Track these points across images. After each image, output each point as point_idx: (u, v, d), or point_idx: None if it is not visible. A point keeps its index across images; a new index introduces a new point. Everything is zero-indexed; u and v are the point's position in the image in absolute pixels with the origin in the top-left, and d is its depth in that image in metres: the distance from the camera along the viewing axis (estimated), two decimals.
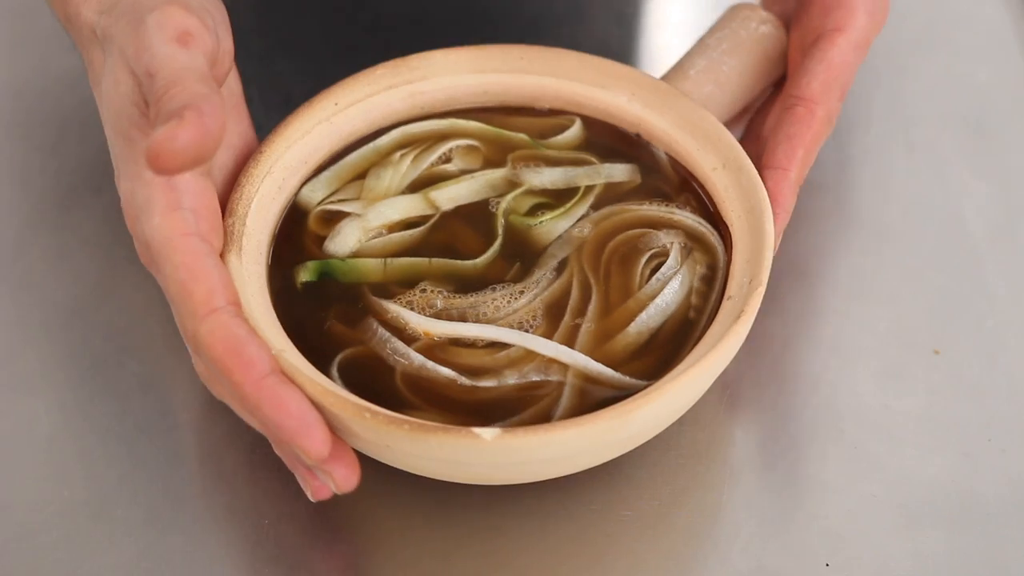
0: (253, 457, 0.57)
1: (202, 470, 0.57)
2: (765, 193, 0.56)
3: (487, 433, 0.48)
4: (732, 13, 0.64)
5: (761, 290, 0.53)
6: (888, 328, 0.62)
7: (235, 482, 0.56)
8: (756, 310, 0.53)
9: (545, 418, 0.52)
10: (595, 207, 0.59)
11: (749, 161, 0.57)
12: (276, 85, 0.71)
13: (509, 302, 0.56)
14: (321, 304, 0.56)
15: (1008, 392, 0.60)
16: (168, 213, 0.50)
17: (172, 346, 0.60)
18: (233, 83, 0.58)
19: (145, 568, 0.54)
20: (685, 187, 0.59)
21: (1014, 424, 0.59)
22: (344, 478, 0.50)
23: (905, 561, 0.54)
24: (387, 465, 0.54)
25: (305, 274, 0.57)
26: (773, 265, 0.55)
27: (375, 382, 0.53)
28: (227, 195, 0.56)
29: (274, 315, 0.54)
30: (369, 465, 0.56)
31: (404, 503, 0.56)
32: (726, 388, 0.59)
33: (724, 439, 0.58)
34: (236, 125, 0.58)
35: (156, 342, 0.61)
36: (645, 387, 0.52)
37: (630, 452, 0.56)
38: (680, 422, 0.57)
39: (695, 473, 0.57)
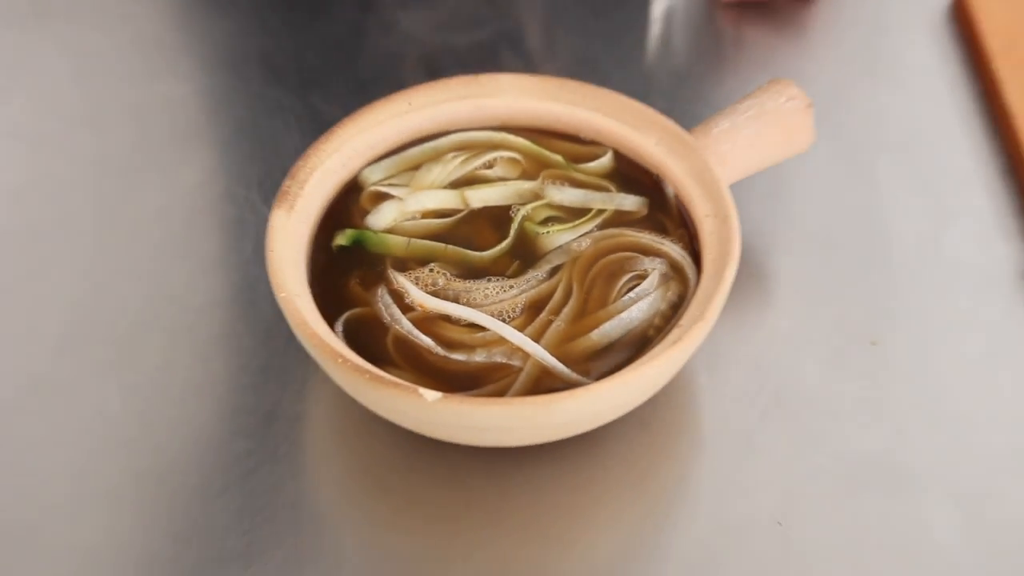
0: (252, 458, 0.59)
1: (201, 470, 0.58)
2: (736, 247, 0.58)
3: (429, 395, 0.53)
4: (768, 85, 0.66)
5: (702, 326, 0.55)
6: (832, 322, 0.65)
7: (235, 480, 0.58)
8: (696, 341, 0.56)
9: (500, 395, 0.56)
10: (600, 228, 0.62)
11: (735, 214, 0.59)
12: (310, 115, 0.76)
13: (498, 293, 0.59)
14: (348, 266, 0.60)
15: (935, 376, 0.63)
16: None
17: (173, 346, 0.63)
18: None
19: (145, 568, 0.55)
20: (682, 226, 0.62)
21: (939, 404, 0.62)
22: None
23: (846, 519, 0.57)
24: (400, 437, 0.58)
25: (342, 239, 0.61)
26: (739, 267, 0.58)
27: (371, 339, 0.58)
28: None
29: (304, 267, 0.59)
30: (383, 436, 0.60)
31: (418, 471, 0.58)
32: (694, 376, 0.62)
33: (692, 419, 0.61)
34: None
35: (157, 342, 0.63)
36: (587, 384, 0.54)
37: (611, 430, 0.59)
38: (655, 404, 0.60)
39: (666, 447, 0.60)
